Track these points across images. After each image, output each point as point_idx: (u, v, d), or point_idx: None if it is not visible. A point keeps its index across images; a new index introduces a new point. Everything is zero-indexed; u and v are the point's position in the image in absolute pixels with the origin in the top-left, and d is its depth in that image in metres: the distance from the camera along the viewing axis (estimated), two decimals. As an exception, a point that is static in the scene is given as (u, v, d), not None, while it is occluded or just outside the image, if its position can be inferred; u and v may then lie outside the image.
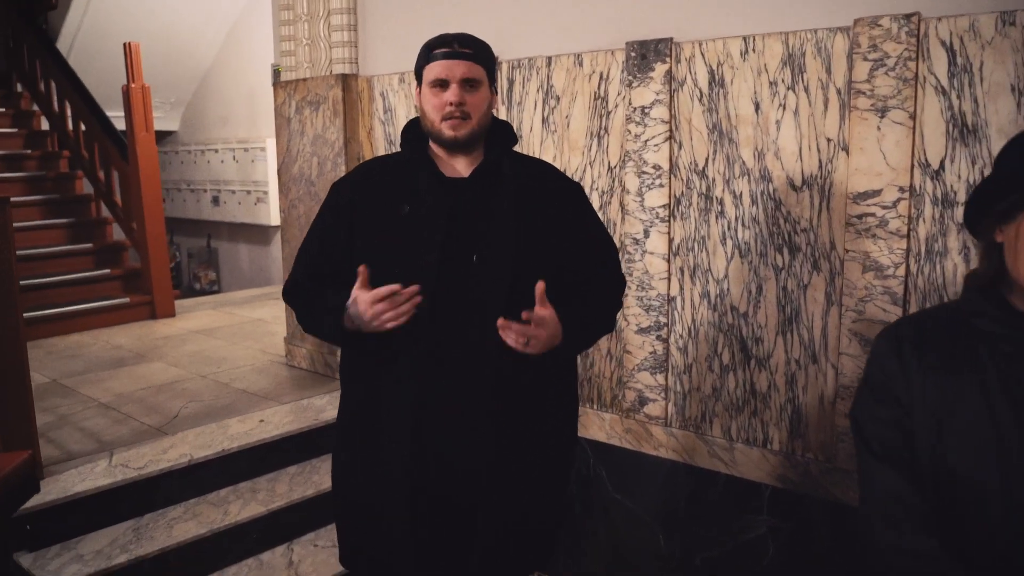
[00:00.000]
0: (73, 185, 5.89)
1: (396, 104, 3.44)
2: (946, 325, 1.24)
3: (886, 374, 1.24)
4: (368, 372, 1.71)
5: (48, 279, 4.99)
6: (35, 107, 6.31)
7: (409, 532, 1.68)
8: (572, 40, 2.81)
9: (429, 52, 1.66)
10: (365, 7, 3.53)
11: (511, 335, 1.53)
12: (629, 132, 2.67)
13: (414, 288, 1.55)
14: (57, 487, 2.61)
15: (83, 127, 5.66)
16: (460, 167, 1.71)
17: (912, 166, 2.13)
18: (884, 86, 2.13)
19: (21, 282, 4.79)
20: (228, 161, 7.23)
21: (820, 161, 2.29)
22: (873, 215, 2.19)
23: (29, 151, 5.96)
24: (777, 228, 2.40)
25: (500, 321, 1.52)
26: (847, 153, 2.23)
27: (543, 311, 1.56)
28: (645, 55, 2.59)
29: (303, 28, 3.71)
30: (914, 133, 2.11)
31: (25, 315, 4.60)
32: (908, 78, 2.10)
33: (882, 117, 2.15)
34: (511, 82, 2.99)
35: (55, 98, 5.96)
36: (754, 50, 2.37)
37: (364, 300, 1.57)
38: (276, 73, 3.92)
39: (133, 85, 5.01)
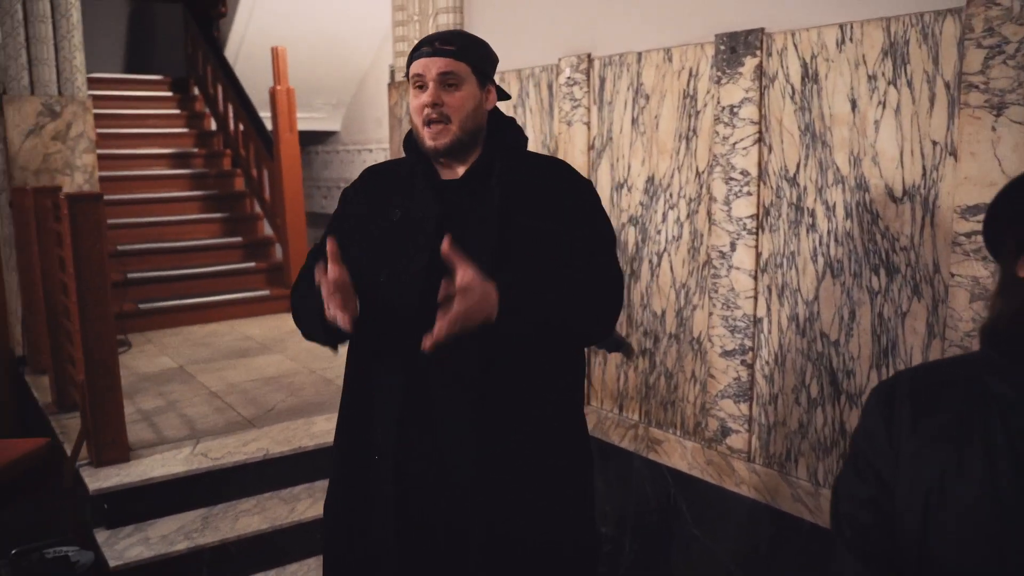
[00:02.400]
0: (232, 182, 6.28)
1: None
2: (955, 382, 0.94)
3: (869, 443, 0.96)
4: (361, 390, 1.63)
5: (197, 270, 5.34)
6: (206, 109, 6.80)
7: (395, 554, 1.57)
8: (661, 33, 2.58)
9: (414, 51, 1.56)
10: (471, 6, 3.46)
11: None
12: (717, 134, 2.41)
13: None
14: (137, 470, 2.74)
15: (241, 127, 6.03)
16: (458, 169, 1.60)
17: (1034, 175, 1.74)
18: (1001, 78, 1.76)
19: (171, 272, 5.21)
20: (380, 160, 7.46)
21: (924, 168, 1.94)
22: (985, 233, 1.82)
23: (196, 149, 6.42)
24: (873, 245, 2.07)
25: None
26: (955, 159, 1.87)
27: (464, 277, 1.33)
28: (735, 48, 2.33)
29: (414, 28, 3.70)
30: (1037, 135, 1.73)
31: (170, 303, 5.00)
32: (1031, 68, 1.72)
33: (998, 116, 1.78)
34: (602, 80, 2.80)
35: (220, 100, 6.39)
36: (851, 39, 2.05)
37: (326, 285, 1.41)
38: (392, 74, 3.94)
39: (279, 87, 5.25)
